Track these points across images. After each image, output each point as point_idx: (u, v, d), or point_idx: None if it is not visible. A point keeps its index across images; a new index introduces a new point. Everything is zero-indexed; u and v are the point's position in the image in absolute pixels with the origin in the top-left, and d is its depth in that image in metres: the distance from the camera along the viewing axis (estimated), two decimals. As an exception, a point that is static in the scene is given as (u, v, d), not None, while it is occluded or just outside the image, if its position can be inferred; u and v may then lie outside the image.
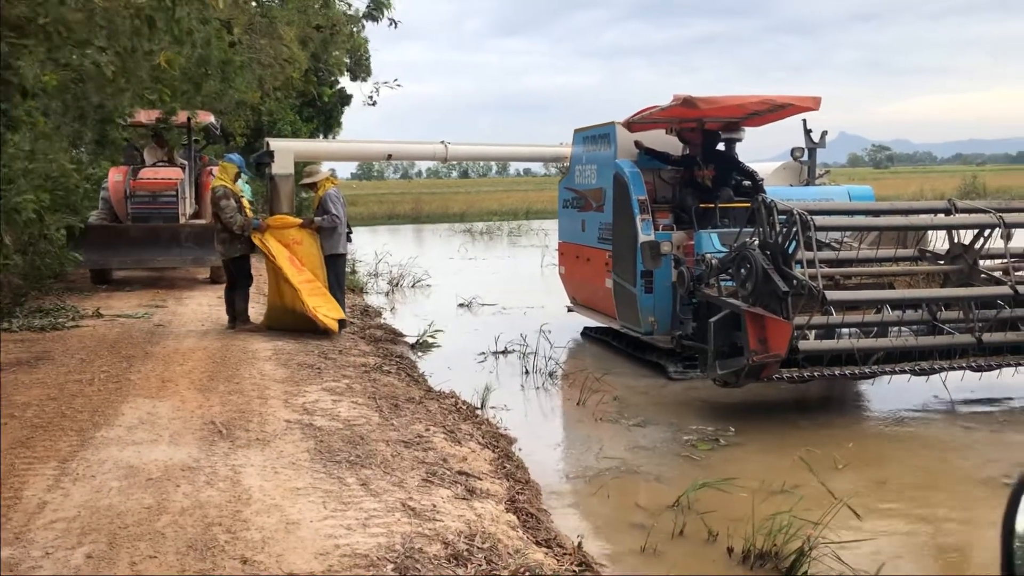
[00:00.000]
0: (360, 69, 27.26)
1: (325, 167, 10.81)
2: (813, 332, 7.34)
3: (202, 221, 14.17)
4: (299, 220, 10.05)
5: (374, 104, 26.71)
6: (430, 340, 10.98)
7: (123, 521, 4.26)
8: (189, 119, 14.26)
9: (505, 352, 10.50)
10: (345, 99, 30.31)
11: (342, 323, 9.72)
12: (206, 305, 11.81)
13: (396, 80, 24.73)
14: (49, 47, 6.38)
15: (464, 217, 41.26)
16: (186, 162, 14.86)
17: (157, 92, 9.10)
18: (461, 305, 14.54)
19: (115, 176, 14.16)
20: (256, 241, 9.52)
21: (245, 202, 10.24)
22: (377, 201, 48.85)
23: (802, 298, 6.98)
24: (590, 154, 11.07)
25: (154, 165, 14.48)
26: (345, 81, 28.68)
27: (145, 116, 13.36)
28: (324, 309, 9.39)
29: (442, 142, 15.40)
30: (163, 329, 9.91)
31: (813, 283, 6.89)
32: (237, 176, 10.02)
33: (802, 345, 7.10)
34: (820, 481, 5.52)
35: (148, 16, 6.41)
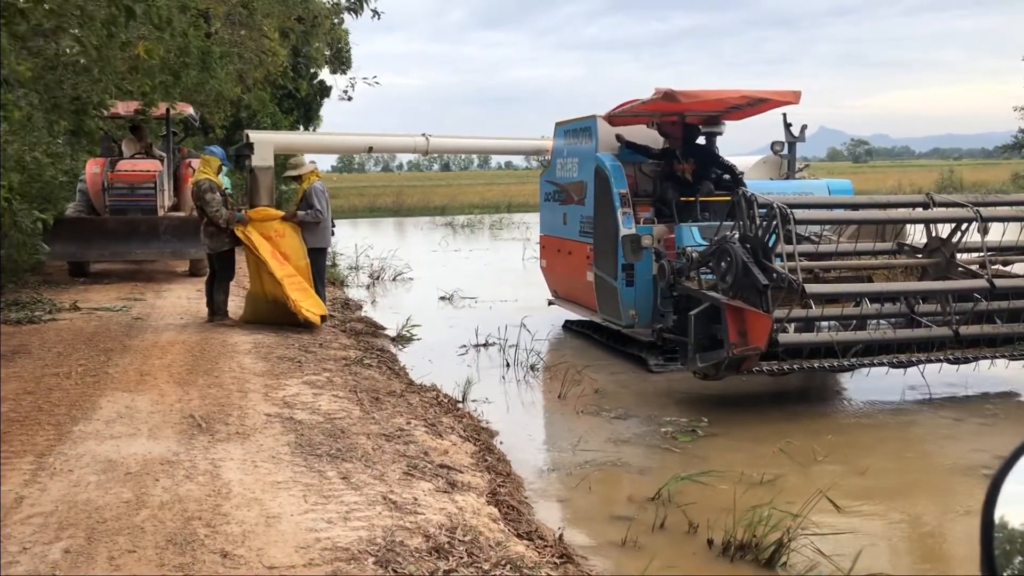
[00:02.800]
0: (340, 61, 27.15)
1: (306, 160, 10.72)
2: (793, 325, 7.37)
3: (181, 214, 14.05)
4: (281, 213, 9.99)
5: (350, 99, 26.62)
6: (406, 334, 10.96)
7: (101, 516, 4.22)
8: (168, 111, 14.12)
9: (486, 345, 10.49)
10: (325, 91, 30.18)
11: (323, 318, 9.67)
12: (185, 298, 11.72)
13: (375, 77, 24.63)
14: (23, 35, 6.28)
15: (445, 210, 41.14)
16: (164, 154, 14.72)
17: (135, 83, 9.00)
18: (442, 298, 14.51)
19: (93, 168, 14.01)
20: (239, 234, 9.44)
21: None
22: (358, 194, 48.62)
23: (782, 291, 7.01)
24: (571, 147, 11.06)
25: (132, 157, 14.32)
26: (325, 73, 28.56)
27: (123, 108, 13.23)
28: (306, 304, 9.32)
29: (423, 134, 15.32)
30: (141, 322, 9.82)
31: (793, 276, 6.92)
32: (219, 169, 9.94)
33: (782, 338, 7.13)
34: (802, 472, 5.55)
35: (126, 6, 6.32)
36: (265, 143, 13.34)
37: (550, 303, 12.06)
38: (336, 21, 22.46)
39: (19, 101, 7.70)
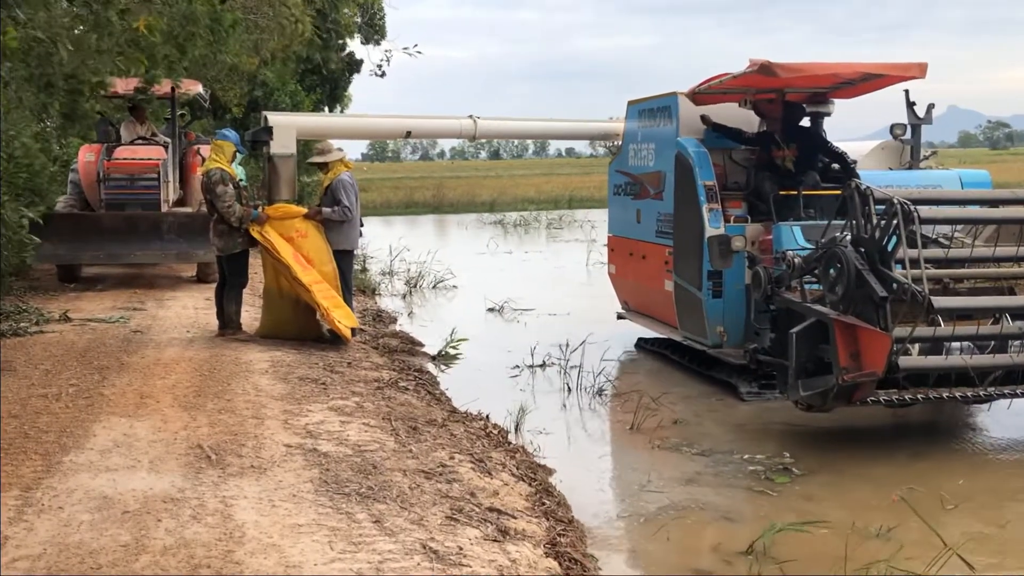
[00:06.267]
0: (373, 30, 27.38)
1: (335, 145, 10.81)
2: (916, 346, 7.27)
3: (187, 209, 14.26)
4: (303, 209, 10.07)
5: (383, 75, 26.77)
6: (452, 351, 11.04)
7: (96, 560, 4.31)
8: (173, 89, 14.34)
9: (543, 366, 10.51)
10: (355, 66, 30.36)
11: (353, 331, 9.74)
12: (192, 308, 11.92)
13: (416, 46, 24.72)
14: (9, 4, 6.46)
15: (494, 206, 41.35)
16: (169, 140, 14.95)
17: (134, 57, 9.16)
18: (491, 310, 14.57)
19: (86, 156, 14.17)
20: (255, 234, 9.53)
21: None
22: (392, 187, 49.15)
23: (904, 305, 6.92)
24: (647, 131, 11.04)
25: (132, 143, 14.55)
26: (355, 45, 28.81)
27: (122, 85, 13.46)
28: (337, 314, 9.40)
29: (470, 116, 15.38)
30: (141, 336, 10.01)
31: (917, 287, 6.83)
32: (233, 157, 10.04)
33: (903, 361, 7.04)
34: (926, 523, 5.46)
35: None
36: (286, 127, 13.48)
37: (620, 317, 12.05)
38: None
39: (5, 75, 7.91)
